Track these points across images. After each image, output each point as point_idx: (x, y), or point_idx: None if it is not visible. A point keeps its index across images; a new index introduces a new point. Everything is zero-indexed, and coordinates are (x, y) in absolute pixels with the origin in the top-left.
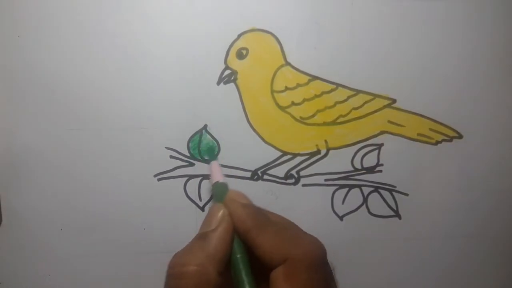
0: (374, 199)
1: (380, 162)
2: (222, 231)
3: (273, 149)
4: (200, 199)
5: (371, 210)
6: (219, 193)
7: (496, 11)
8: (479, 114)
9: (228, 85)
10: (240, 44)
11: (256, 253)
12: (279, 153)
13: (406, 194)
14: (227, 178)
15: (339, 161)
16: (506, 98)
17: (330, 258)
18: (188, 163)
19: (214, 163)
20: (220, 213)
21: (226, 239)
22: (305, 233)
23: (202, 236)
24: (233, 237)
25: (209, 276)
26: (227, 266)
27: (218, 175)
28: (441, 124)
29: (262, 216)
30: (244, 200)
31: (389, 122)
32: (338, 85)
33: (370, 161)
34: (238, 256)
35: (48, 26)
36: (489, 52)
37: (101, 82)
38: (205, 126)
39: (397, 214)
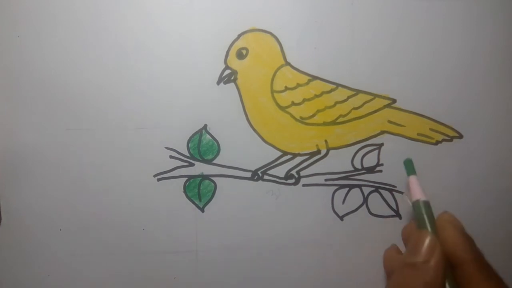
0: (374, 199)
1: (380, 162)
2: (438, 262)
3: (273, 149)
4: (200, 200)
5: (371, 210)
6: (421, 214)
7: (497, 11)
8: (479, 114)
9: (228, 85)
10: (240, 44)
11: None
12: (279, 153)
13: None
14: (227, 179)
15: (339, 161)
16: (506, 98)
17: (330, 257)
18: (188, 163)
19: (412, 178)
20: (432, 242)
21: (442, 270)
22: None
23: (414, 266)
24: (447, 267)
25: None
26: None
27: (418, 193)
28: (441, 124)
29: (480, 251)
30: (460, 225)
31: (389, 122)
32: (338, 85)
33: (370, 161)
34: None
35: (48, 26)
36: (490, 52)
37: (100, 82)
38: (205, 126)
39: (397, 214)
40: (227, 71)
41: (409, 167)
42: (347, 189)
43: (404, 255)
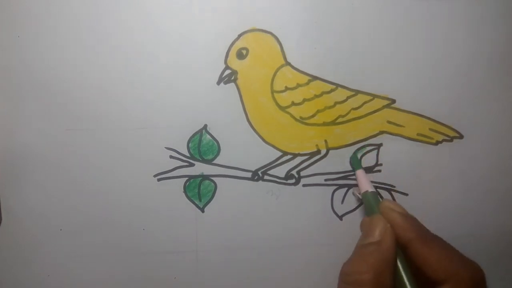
0: None
1: (379, 162)
2: (389, 241)
3: (273, 149)
4: (200, 200)
5: None
6: (371, 203)
7: (498, 11)
8: (479, 114)
9: (228, 85)
10: (240, 44)
11: (418, 264)
12: (279, 153)
13: (406, 194)
14: (227, 179)
15: (339, 161)
16: (507, 98)
17: (330, 257)
18: (188, 163)
19: (359, 172)
20: (383, 223)
21: (393, 249)
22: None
23: (367, 247)
24: (397, 248)
25: (386, 284)
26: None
27: (366, 185)
28: (442, 124)
29: (423, 227)
30: (400, 209)
31: (388, 122)
32: (338, 85)
33: (369, 161)
34: (401, 265)
35: (48, 27)
36: (490, 51)
37: (100, 82)
38: (205, 126)
39: None
40: (227, 71)
41: (356, 162)
42: (346, 188)
43: (360, 238)
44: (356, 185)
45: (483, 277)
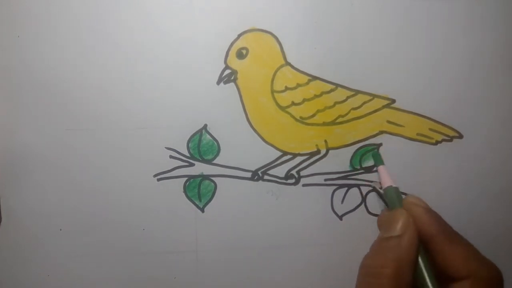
0: (372, 198)
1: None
2: (411, 236)
3: (273, 149)
4: (200, 200)
5: (370, 210)
6: (394, 198)
7: (498, 11)
8: (479, 114)
9: (228, 85)
10: (240, 44)
11: (439, 260)
12: (279, 153)
13: (405, 194)
14: (227, 179)
15: (338, 161)
16: (506, 98)
17: (330, 257)
18: (188, 163)
19: (381, 168)
20: (405, 218)
21: (415, 245)
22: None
23: (389, 240)
24: (419, 243)
25: (406, 279)
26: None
27: (388, 180)
28: (441, 124)
29: (446, 224)
30: (424, 204)
31: (388, 122)
32: (338, 85)
33: (368, 161)
34: (422, 261)
35: (48, 27)
36: (490, 51)
37: (100, 82)
38: (205, 126)
39: None
40: (227, 71)
41: (377, 158)
42: (345, 188)
43: (381, 232)
44: (357, 185)
45: (501, 279)
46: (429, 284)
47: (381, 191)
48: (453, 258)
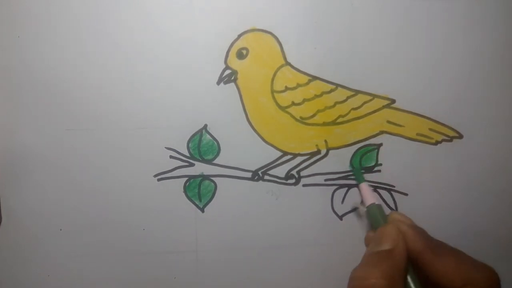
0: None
1: (379, 162)
2: (402, 249)
3: (273, 149)
4: (200, 200)
5: None
6: (377, 215)
7: (498, 11)
8: (479, 114)
9: (228, 85)
10: (240, 44)
11: (432, 274)
12: (280, 153)
13: (406, 194)
14: (227, 179)
15: (339, 161)
16: (506, 98)
17: (330, 257)
18: (188, 163)
19: (363, 186)
20: (395, 232)
21: (406, 258)
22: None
23: (379, 254)
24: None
25: None
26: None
27: (370, 197)
28: (441, 124)
29: (432, 238)
30: (409, 221)
31: (388, 122)
32: (338, 85)
33: (369, 161)
34: (410, 276)
35: (48, 27)
36: (490, 51)
37: (100, 82)
38: (205, 126)
39: None
40: (227, 71)
41: (359, 175)
42: (346, 188)
43: (370, 246)
44: (357, 185)
45: (498, 280)
46: None
47: (364, 209)
48: (445, 270)
